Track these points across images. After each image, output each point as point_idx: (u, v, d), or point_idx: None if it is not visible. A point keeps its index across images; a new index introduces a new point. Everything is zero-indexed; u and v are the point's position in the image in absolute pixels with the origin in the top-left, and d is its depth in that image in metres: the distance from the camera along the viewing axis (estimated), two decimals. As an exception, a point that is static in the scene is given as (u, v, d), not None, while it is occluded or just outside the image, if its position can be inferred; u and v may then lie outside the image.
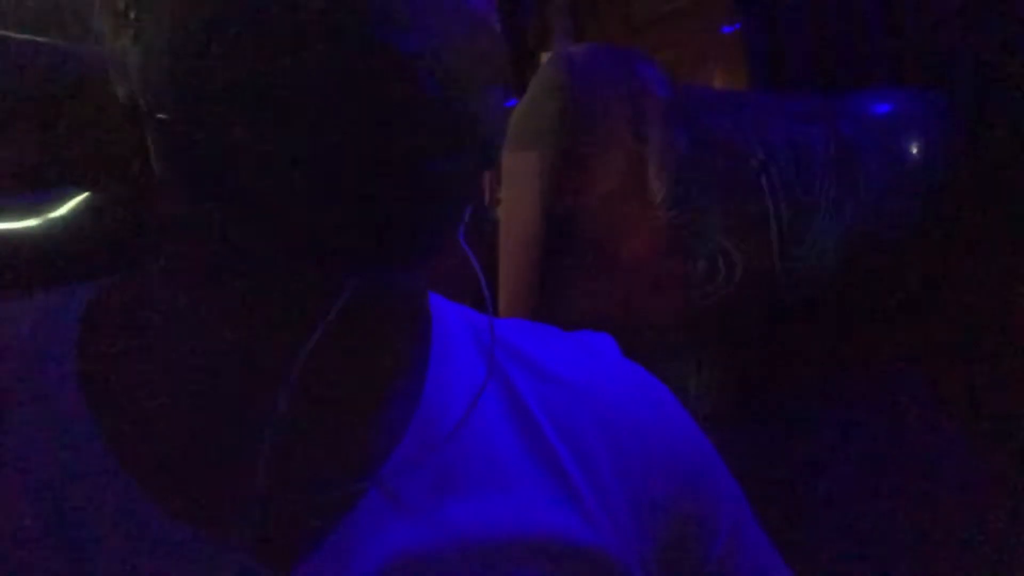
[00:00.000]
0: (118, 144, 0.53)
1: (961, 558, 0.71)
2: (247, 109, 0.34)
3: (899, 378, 0.74)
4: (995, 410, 0.74)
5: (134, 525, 0.38)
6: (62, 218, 0.55)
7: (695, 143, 0.68)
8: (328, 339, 0.38)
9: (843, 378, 0.74)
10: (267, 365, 0.39)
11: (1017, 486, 0.72)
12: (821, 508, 0.71)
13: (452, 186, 0.37)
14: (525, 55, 0.69)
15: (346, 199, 0.35)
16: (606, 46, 0.69)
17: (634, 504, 0.47)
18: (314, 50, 0.33)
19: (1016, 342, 0.74)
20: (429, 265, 0.42)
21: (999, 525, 0.71)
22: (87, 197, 0.56)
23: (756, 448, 0.70)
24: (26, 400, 0.40)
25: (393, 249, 0.36)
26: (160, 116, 0.37)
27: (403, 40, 0.34)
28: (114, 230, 0.55)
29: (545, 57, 0.78)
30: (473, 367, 0.46)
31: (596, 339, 0.53)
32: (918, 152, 0.74)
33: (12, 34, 0.54)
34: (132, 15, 0.37)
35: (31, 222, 0.55)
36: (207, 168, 0.36)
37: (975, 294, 0.74)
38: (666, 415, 0.51)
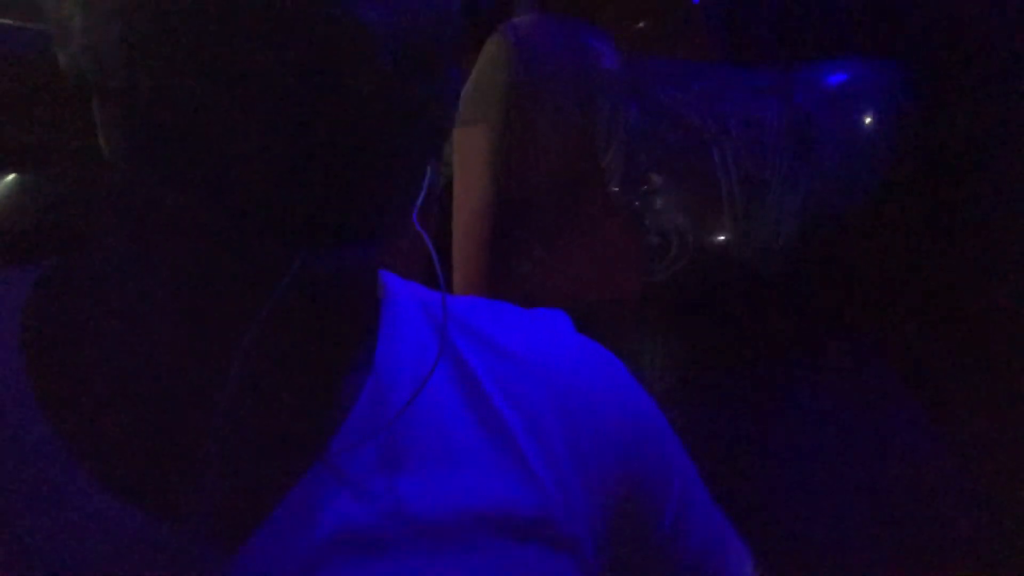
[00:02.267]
0: (50, 123, 0.52)
1: (921, 541, 0.72)
2: (197, 76, 0.34)
3: (859, 354, 0.74)
4: (958, 389, 0.75)
5: (79, 506, 0.38)
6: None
7: (646, 116, 0.67)
8: (276, 316, 0.38)
9: (800, 354, 0.73)
10: (215, 343, 0.39)
11: (982, 466, 0.72)
12: (775, 483, 0.71)
13: (404, 162, 0.37)
14: (486, 28, 0.68)
15: (297, 170, 0.34)
16: (553, 17, 0.68)
17: (585, 475, 0.47)
18: (270, 17, 0.33)
19: (977, 320, 0.74)
20: (381, 241, 0.42)
21: (960, 507, 0.72)
22: (16, 178, 0.55)
23: (711, 424, 0.70)
24: None
25: (343, 223, 0.36)
26: (109, 84, 0.36)
27: (362, 11, 0.34)
28: (49, 211, 0.54)
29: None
30: (423, 343, 0.46)
31: (550, 315, 0.53)
32: (873, 123, 0.73)
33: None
34: None
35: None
36: (156, 136, 0.36)
37: (934, 269, 0.74)
38: (619, 387, 0.52)
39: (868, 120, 0.73)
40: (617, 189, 0.67)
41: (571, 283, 0.68)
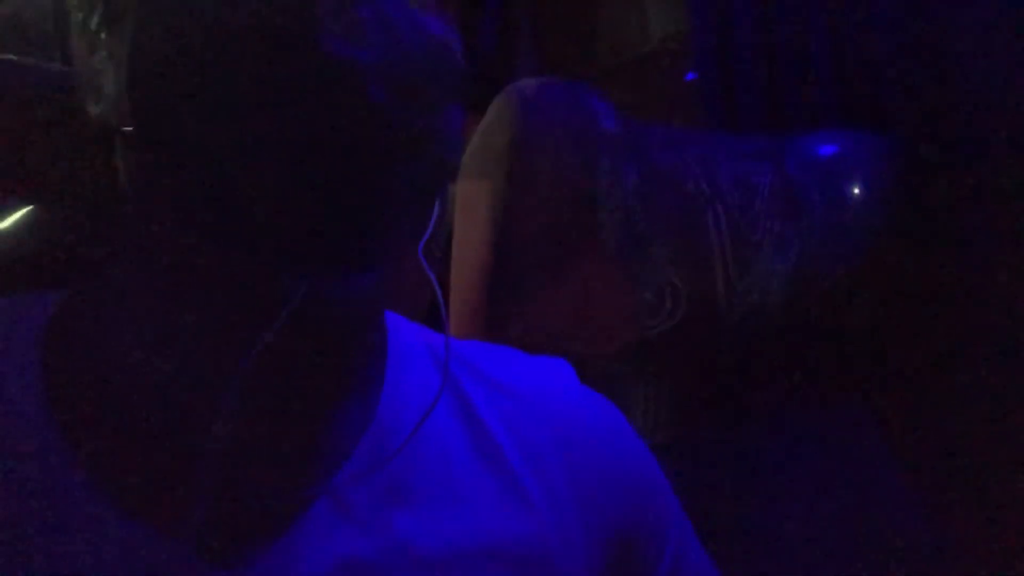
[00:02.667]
0: (68, 157, 0.54)
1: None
2: (210, 122, 0.36)
3: (844, 413, 0.75)
4: (939, 446, 0.76)
5: (86, 521, 0.39)
6: (3, 231, 0.55)
7: (644, 177, 0.70)
8: (282, 347, 0.39)
9: (788, 412, 0.75)
10: (220, 369, 0.40)
11: (961, 522, 0.73)
12: (765, 539, 0.72)
13: (405, 194, 0.38)
14: (491, 89, 0.71)
15: (302, 202, 0.36)
16: (557, 80, 0.71)
17: (585, 516, 0.48)
18: (273, 62, 0.35)
19: (958, 380, 0.75)
20: (378, 273, 0.43)
21: (942, 561, 0.72)
22: (33, 209, 0.56)
23: (700, 480, 0.70)
24: None
25: (346, 252, 0.38)
26: (129, 129, 0.38)
27: (358, 53, 0.35)
28: (61, 243, 0.55)
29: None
30: (427, 380, 0.47)
31: (554, 361, 0.54)
32: (860, 194, 0.76)
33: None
34: (103, 36, 0.39)
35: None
36: (171, 176, 0.38)
37: (917, 332, 0.76)
38: (620, 437, 0.53)
39: (855, 190, 0.76)
40: (614, 247, 0.69)
41: (566, 336, 0.70)
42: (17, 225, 0.56)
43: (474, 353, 0.51)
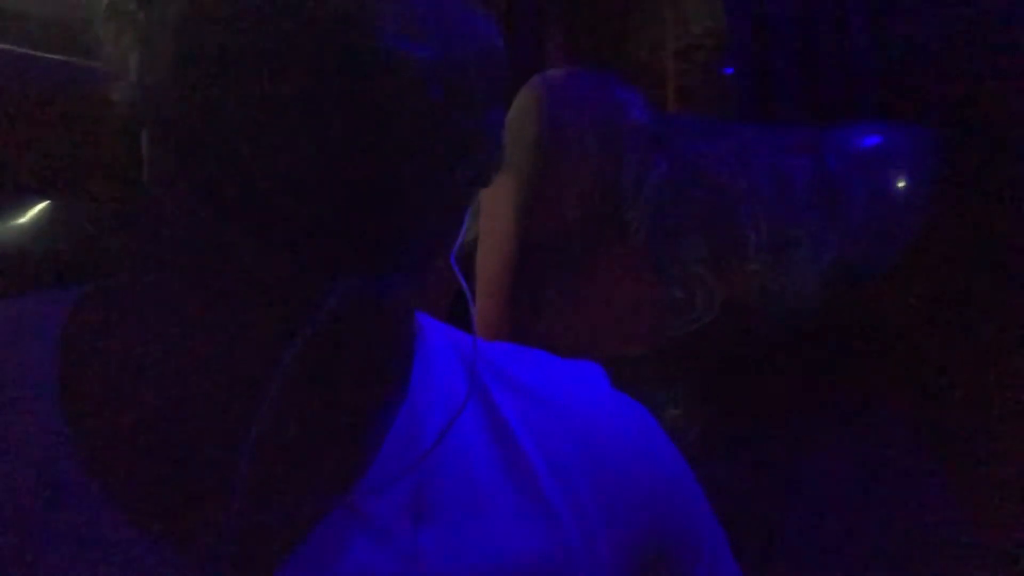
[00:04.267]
0: (85, 151, 0.53)
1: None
2: (253, 111, 0.34)
3: (879, 413, 0.73)
4: (975, 450, 0.73)
5: (102, 540, 0.37)
6: (21, 226, 0.55)
7: (675, 170, 0.68)
8: (310, 354, 0.38)
9: (822, 412, 0.72)
10: (248, 379, 0.38)
11: (997, 525, 0.70)
12: (796, 544, 0.69)
13: (448, 196, 0.37)
14: (518, 80, 0.69)
15: (343, 200, 0.34)
16: (584, 71, 0.69)
17: (613, 530, 0.46)
18: (320, 51, 0.33)
19: (998, 381, 0.72)
20: (418, 276, 0.42)
21: (975, 563, 0.69)
22: (49, 204, 0.56)
23: (731, 483, 0.68)
24: None
25: (384, 254, 0.36)
26: (163, 116, 0.36)
27: (415, 49, 0.34)
28: (81, 238, 0.54)
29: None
30: (454, 386, 0.45)
31: (586, 366, 0.52)
32: (904, 187, 0.73)
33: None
34: (140, 15, 0.37)
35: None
36: (204, 165, 0.36)
37: (959, 332, 0.73)
38: (652, 445, 0.51)
39: (899, 183, 0.73)
40: (643, 242, 0.66)
41: (595, 335, 0.68)
42: (35, 220, 0.56)
43: (503, 356, 0.49)
